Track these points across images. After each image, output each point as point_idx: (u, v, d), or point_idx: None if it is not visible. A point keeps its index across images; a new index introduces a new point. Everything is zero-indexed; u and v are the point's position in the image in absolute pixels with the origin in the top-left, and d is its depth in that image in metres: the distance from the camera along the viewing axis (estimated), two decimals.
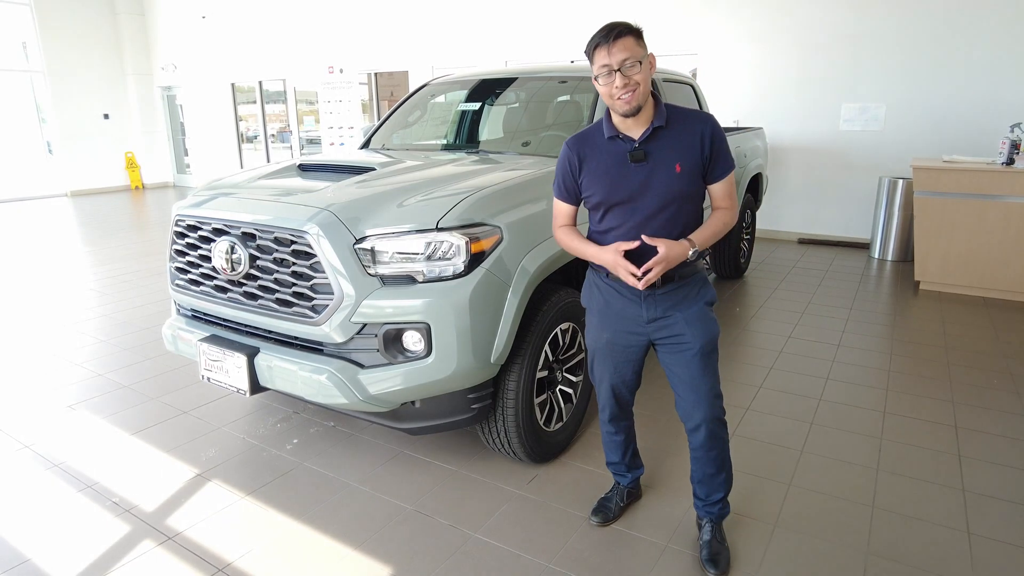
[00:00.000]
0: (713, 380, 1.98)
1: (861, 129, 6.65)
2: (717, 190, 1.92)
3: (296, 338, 2.38)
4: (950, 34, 6.03)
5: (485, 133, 3.86)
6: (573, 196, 2.01)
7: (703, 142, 1.84)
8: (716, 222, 1.92)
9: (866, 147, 6.66)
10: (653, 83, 1.86)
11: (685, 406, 2.01)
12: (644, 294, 1.92)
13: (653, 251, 1.81)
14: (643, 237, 1.80)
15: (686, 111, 1.90)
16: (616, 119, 1.87)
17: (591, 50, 1.79)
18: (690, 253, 1.82)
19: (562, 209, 2.05)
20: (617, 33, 1.73)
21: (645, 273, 1.79)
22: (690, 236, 1.85)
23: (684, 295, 1.94)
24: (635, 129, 1.85)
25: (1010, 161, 4.79)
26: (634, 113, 1.79)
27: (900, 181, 6.15)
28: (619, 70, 1.73)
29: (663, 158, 1.83)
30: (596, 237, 1.97)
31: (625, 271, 1.81)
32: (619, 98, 1.76)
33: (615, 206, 1.88)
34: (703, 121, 1.87)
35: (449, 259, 2.22)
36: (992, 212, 4.82)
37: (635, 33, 1.76)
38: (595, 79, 1.81)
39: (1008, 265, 4.86)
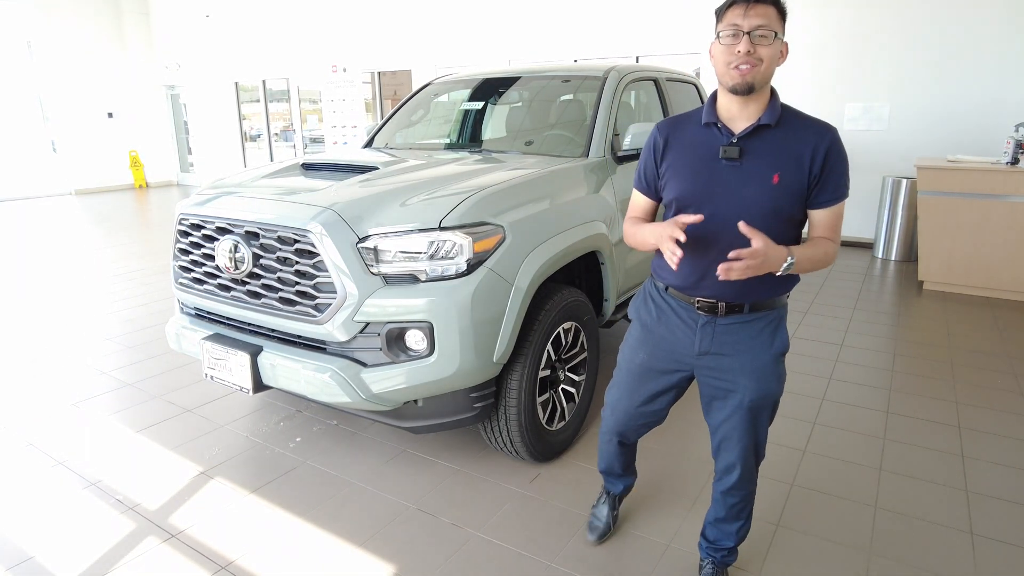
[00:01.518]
0: (756, 438, 1.73)
1: (865, 128, 6.63)
2: (820, 219, 1.59)
3: (299, 337, 2.38)
4: (955, 33, 6.01)
5: (488, 132, 3.86)
6: (652, 188, 1.72)
7: (814, 157, 1.53)
8: (818, 248, 1.56)
9: (870, 147, 6.65)
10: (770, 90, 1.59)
11: (714, 448, 1.82)
12: (702, 321, 1.66)
13: (714, 264, 1.52)
14: (743, 225, 1.45)
15: (804, 116, 1.60)
16: (721, 103, 1.60)
17: (725, 7, 1.52)
18: (784, 264, 1.47)
19: (638, 202, 1.78)
20: None
21: (716, 261, 1.48)
22: (792, 247, 1.50)
23: (751, 335, 1.64)
24: (739, 121, 1.57)
25: (1015, 161, 4.77)
26: (745, 91, 1.51)
27: (904, 181, 6.13)
28: (748, 34, 1.47)
29: (760, 163, 1.54)
30: None
31: (669, 239, 1.47)
32: (736, 66, 1.49)
33: (689, 207, 1.60)
34: (821, 132, 1.56)
35: (452, 258, 2.22)
36: (996, 212, 4.81)
37: (779, 8, 1.51)
38: (716, 39, 1.54)
39: (1012, 265, 4.84)
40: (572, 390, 2.78)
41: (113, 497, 2.50)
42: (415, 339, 2.23)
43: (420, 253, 2.21)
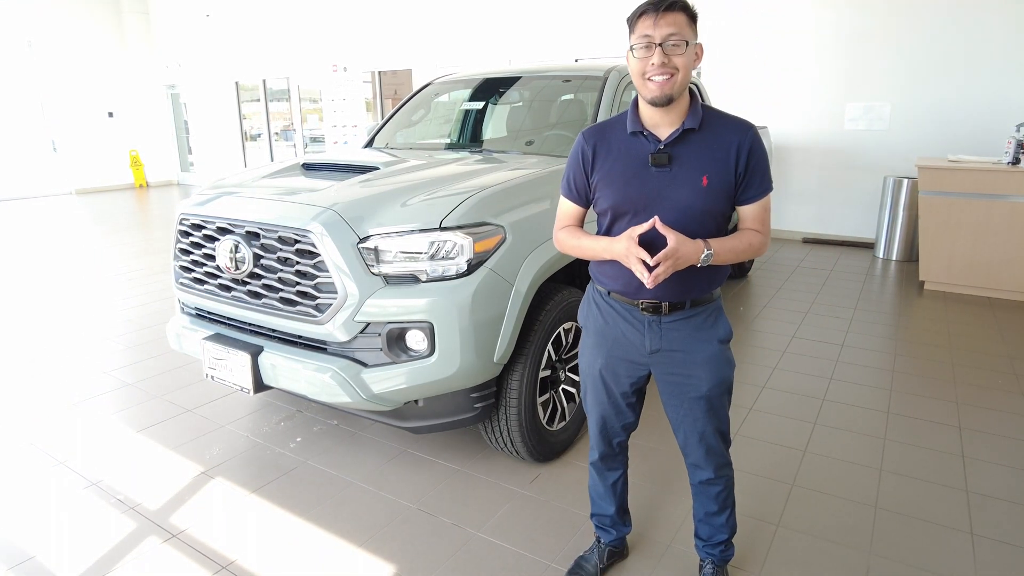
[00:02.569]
0: (719, 424, 1.77)
1: (866, 128, 6.63)
2: (747, 213, 1.65)
3: (300, 337, 2.38)
4: (956, 33, 6.01)
5: (488, 132, 3.86)
6: (582, 196, 1.74)
7: (738, 156, 1.58)
8: (742, 240, 1.63)
9: (871, 146, 6.64)
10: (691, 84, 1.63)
11: (682, 443, 1.83)
12: (648, 320, 1.69)
13: (654, 268, 1.55)
14: (656, 221, 1.51)
15: (724, 116, 1.64)
16: (644, 111, 1.62)
17: (635, 18, 1.54)
18: (702, 255, 1.53)
19: (567, 210, 1.78)
20: (669, 5, 1.49)
21: (656, 264, 1.51)
22: (708, 239, 1.56)
23: (695, 328, 1.69)
24: (663, 127, 1.60)
25: (1016, 161, 4.77)
26: (664, 103, 1.53)
27: (905, 181, 6.12)
28: (660, 45, 1.48)
29: (689, 167, 1.58)
30: None
31: (637, 260, 1.51)
32: (650, 78, 1.51)
33: (625, 216, 1.63)
34: (741, 131, 1.60)
35: (452, 258, 2.22)
36: (997, 212, 4.80)
37: (689, 13, 1.52)
38: (630, 50, 1.56)
39: (1013, 265, 4.84)
40: (572, 390, 2.78)
41: (114, 497, 2.51)
42: (416, 339, 2.23)
43: (421, 253, 2.21)
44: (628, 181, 1.62)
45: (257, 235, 2.37)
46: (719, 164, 1.58)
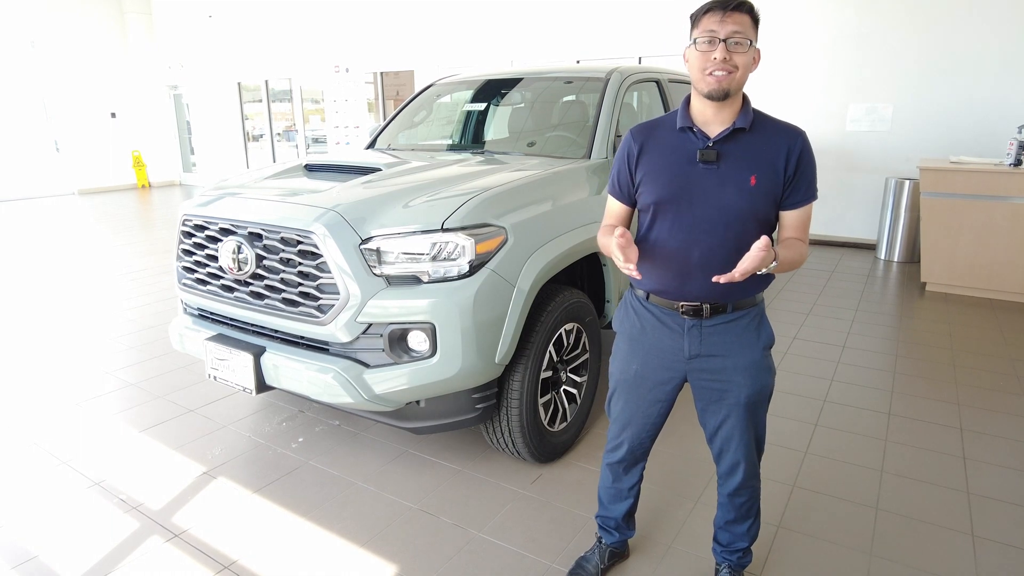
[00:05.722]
0: (756, 432, 1.76)
1: (868, 129, 6.63)
2: (791, 219, 1.63)
3: (302, 337, 2.39)
4: (959, 34, 6.01)
5: (490, 133, 3.87)
6: (627, 194, 1.72)
7: (788, 159, 1.57)
8: (796, 250, 1.60)
9: (873, 147, 6.64)
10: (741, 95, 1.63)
11: (716, 452, 1.82)
12: (688, 324, 1.67)
13: (697, 267, 1.59)
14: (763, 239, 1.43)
15: (776, 120, 1.64)
16: (695, 107, 1.62)
17: (700, 14, 1.53)
18: (772, 263, 1.49)
19: (612, 208, 1.77)
20: (737, 4, 1.49)
21: (698, 263, 1.56)
22: (775, 247, 1.52)
23: (738, 333, 1.67)
24: (714, 125, 1.59)
25: (1018, 162, 4.77)
26: (720, 97, 1.53)
27: (907, 182, 6.12)
28: (724, 41, 1.49)
29: (737, 166, 1.57)
30: (639, 245, 1.66)
31: (619, 247, 1.48)
32: (711, 73, 1.51)
33: (668, 210, 1.61)
34: (793, 135, 1.60)
35: (454, 260, 2.22)
36: (999, 213, 4.80)
37: (754, 16, 1.53)
38: (690, 45, 1.56)
39: (1015, 267, 4.83)
40: (574, 391, 2.78)
41: (116, 497, 2.51)
42: (417, 340, 2.23)
43: (422, 254, 2.22)
44: (673, 176, 1.61)
45: (260, 236, 2.38)
46: (768, 166, 1.57)
